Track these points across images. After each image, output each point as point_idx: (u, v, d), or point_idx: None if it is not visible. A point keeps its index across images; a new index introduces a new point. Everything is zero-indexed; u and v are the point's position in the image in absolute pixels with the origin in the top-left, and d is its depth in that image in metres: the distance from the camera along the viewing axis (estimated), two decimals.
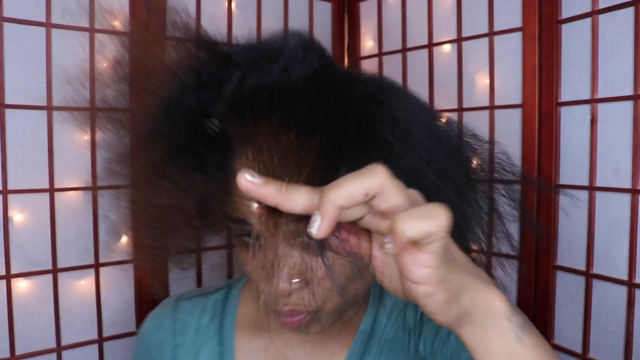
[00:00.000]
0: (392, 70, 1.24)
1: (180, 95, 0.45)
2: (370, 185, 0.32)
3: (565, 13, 0.92)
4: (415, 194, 0.37)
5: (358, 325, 0.60)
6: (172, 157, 0.45)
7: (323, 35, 1.29)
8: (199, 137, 0.44)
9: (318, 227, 0.32)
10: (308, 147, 0.38)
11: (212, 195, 0.45)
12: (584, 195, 0.91)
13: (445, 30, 1.12)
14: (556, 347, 0.95)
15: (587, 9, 0.88)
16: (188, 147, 0.44)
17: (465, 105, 1.09)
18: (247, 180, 0.34)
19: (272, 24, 1.20)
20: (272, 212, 0.36)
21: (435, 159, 0.45)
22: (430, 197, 0.39)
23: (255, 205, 0.37)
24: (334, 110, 0.41)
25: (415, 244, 0.32)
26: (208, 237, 0.57)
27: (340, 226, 0.38)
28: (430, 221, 0.31)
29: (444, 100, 1.13)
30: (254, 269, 0.49)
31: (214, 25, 1.08)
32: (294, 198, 0.34)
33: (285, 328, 0.51)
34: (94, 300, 0.97)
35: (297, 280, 0.45)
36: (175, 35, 0.50)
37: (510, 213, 0.53)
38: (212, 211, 0.48)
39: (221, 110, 0.43)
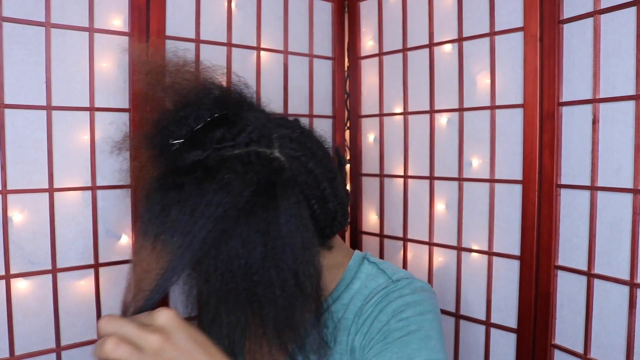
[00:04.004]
0: (392, 70, 1.24)
1: (170, 118, 0.65)
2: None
3: (566, 13, 0.92)
4: None
5: None
6: (152, 145, 0.68)
7: (323, 35, 1.29)
8: (167, 144, 0.65)
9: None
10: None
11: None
12: (585, 195, 0.91)
13: (446, 30, 1.12)
14: (557, 347, 0.95)
15: (589, 8, 0.88)
16: (162, 145, 0.66)
17: (466, 105, 1.09)
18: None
19: (272, 24, 1.19)
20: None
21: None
22: None
23: None
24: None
25: None
26: None
27: None
28: None
29: (445, 100, 1.13)
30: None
31: (214, 25, 1.09)
32: None
33: None
34: (94, 300, 0.97)
35: None
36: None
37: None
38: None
39: (185, 140, 0.63)
